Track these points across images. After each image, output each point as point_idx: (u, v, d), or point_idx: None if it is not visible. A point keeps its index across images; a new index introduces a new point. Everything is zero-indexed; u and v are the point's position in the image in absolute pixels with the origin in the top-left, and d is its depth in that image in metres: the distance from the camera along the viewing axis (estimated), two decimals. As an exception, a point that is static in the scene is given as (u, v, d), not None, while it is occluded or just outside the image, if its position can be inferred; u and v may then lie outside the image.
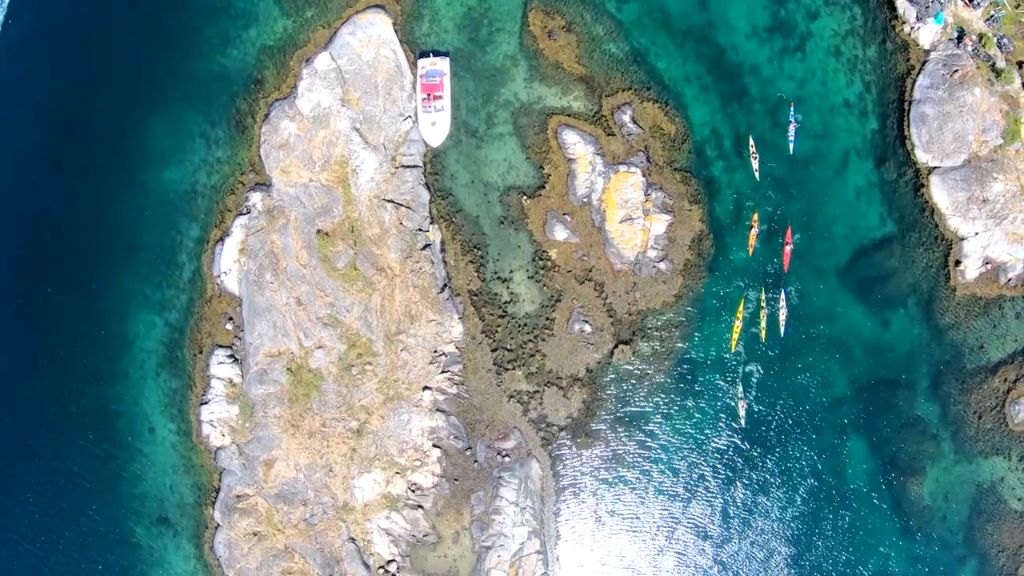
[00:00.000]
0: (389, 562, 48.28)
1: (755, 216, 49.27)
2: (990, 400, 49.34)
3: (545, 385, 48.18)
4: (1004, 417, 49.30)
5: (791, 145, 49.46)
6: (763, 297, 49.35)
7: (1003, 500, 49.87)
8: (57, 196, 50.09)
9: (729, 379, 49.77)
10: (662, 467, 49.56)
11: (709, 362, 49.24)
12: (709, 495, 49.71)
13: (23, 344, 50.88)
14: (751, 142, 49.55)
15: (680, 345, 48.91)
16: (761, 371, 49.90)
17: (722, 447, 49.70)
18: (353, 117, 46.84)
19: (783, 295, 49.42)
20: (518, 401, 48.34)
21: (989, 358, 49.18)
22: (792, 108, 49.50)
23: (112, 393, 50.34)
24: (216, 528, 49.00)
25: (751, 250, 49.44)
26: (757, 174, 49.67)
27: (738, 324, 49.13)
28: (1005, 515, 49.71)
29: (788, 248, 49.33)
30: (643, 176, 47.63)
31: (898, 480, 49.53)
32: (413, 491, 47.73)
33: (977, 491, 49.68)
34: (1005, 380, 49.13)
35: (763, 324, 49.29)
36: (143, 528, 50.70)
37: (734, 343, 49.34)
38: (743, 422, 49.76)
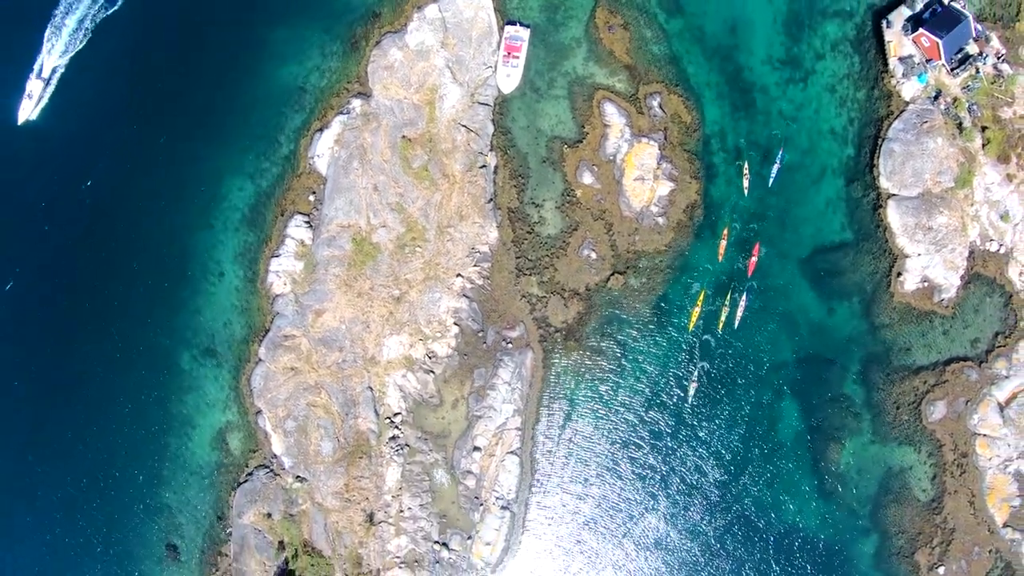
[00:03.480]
0: (396, 414, 68.36)
1: (725, 231, 68.66)
2: (909, 396, 67.21)
3: (551, 293, 68.90)
4: (919, 414, 66.80)
5: (771, 180, 68.74)
6: (727, 298, 68.30)
7: (909, 487, 67.19)
8: (192, 71, 71.75)
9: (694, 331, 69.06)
10: (635, 373, 69.26)
11: (682, 303, 69.39)
12: (666, 407, 69.06)
13: (130, 180, 71.67)
14: (745, 165, 69.18)
15: (662, 284, 69.32)
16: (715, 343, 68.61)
17: (681, 368, 69.11)
18: (448, 57, 68.95)
19: (743, 297, 68.51)
20: (528, 301, 69.05)
21: (914, 360, 67.42)
22: (781, 151, 68.95)
23: (194, 238, 71.16)
24: (257, 363, 69.01)
25: (720, 257, 68.98)
26: (746, 191, 69.28)
27: (697, 310, 68.43)
28: (909, 501, 66.95)
29: (754, 260, 68.52)
30: (659, 149, 68.74)
31: (820, 444, 67.61)
32: (429, 357, 68.00)
33: (887, 473, 67.16)
34: (924, 382, 66.94)
35: (722, 319, 68.36)
36: (190, 355, 70.81)
37: (692, 324, 68.52)
38: (691, 399, 68.16)
